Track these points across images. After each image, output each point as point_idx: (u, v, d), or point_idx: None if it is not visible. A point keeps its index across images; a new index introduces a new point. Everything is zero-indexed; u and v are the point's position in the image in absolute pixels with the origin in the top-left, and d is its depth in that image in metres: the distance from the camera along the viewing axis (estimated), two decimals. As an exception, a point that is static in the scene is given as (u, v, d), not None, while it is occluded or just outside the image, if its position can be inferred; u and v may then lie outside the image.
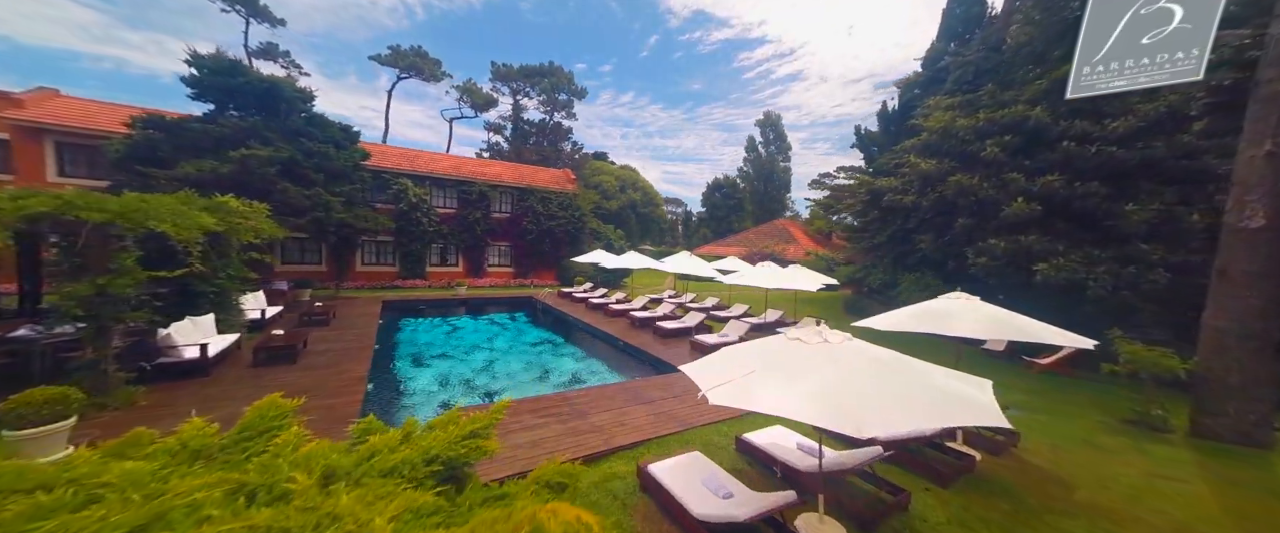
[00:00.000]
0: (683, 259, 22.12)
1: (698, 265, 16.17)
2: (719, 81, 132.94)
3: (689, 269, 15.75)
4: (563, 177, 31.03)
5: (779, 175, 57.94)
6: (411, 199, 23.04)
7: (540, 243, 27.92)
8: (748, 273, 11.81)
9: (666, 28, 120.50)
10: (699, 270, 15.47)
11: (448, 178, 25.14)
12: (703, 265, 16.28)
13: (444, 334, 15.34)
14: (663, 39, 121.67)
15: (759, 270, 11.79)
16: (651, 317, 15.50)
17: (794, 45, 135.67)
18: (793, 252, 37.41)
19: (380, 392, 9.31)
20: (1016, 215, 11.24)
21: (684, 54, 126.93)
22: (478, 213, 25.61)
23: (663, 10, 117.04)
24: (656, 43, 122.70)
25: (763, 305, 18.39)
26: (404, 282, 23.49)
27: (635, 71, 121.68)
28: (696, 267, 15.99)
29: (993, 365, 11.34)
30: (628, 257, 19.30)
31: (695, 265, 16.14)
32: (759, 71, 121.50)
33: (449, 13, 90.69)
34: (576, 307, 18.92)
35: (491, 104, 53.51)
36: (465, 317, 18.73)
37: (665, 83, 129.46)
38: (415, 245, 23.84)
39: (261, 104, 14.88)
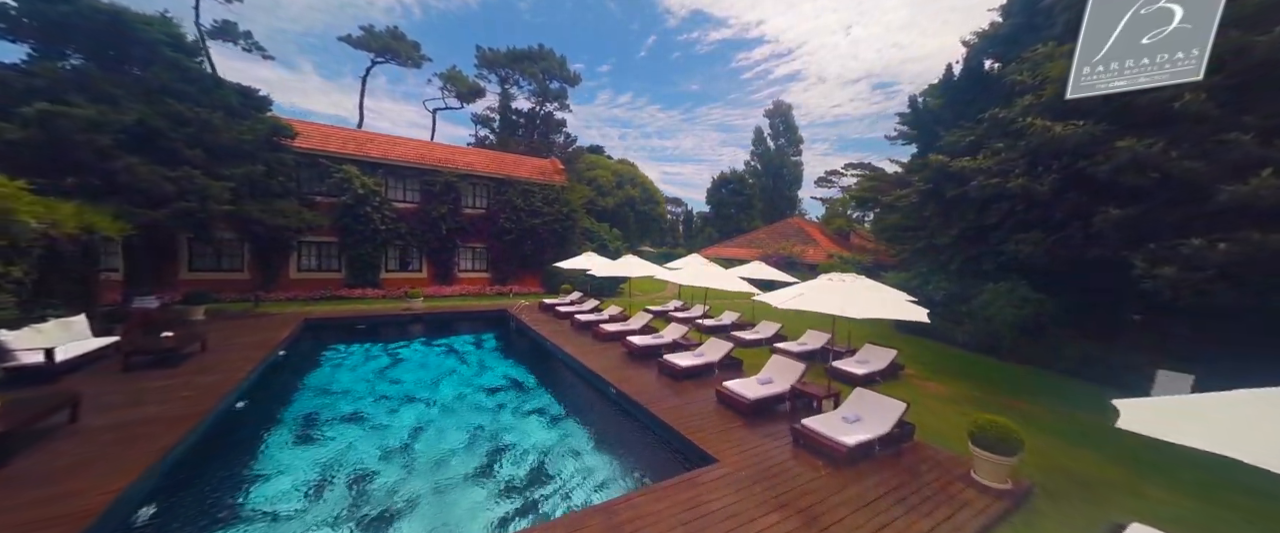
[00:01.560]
0: (694, 263, 17.78)
1: (717, 275, 11.61)
2: (717, 82, 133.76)
3: (705, 279, 11.23)
4: (549, 167, 26.68)
5: (790, 170, 53.57)
6: (358, 190, 18.62)
7: (521, 244, 23.53)
8: (815, 292, 7.35)
9: (664, 28, 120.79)
10: (722, 283, 10.92)
11: (408, 165, 20.72)
12: (724, 275, 11.74)
13: (376, 373, 10.97)
14: (661, 39, 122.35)
15: (827, 287, 7.46)
16: (656, 344, 11.15)
17: (792, 45, 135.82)
18: (812, 253, 33.14)
19: (167, 525, 4.94)
20: (1253, 197, 6.92)
21: (682, 54, 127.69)
22: (444, 207, 21.20)
23: (661, 10, 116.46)
24: (654, 43, 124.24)
25: (798, 327, 14.00)
26: (351, 291, 19.09)
27: (633, 72, 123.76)
28: (715, 277, 11.43)
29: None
30: (624, 261, 14.92)
31: (713, 275, 11.56)
32: (757, 72, 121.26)
33: (447, 12, 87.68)
34: (558, 327, 14.55)
35: (478, 94, 49.05)
36: (418, 341, 14.36)
37: (663, 83, 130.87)
38: (365, 247, 19.43)
39: (101, 45, 10.46)
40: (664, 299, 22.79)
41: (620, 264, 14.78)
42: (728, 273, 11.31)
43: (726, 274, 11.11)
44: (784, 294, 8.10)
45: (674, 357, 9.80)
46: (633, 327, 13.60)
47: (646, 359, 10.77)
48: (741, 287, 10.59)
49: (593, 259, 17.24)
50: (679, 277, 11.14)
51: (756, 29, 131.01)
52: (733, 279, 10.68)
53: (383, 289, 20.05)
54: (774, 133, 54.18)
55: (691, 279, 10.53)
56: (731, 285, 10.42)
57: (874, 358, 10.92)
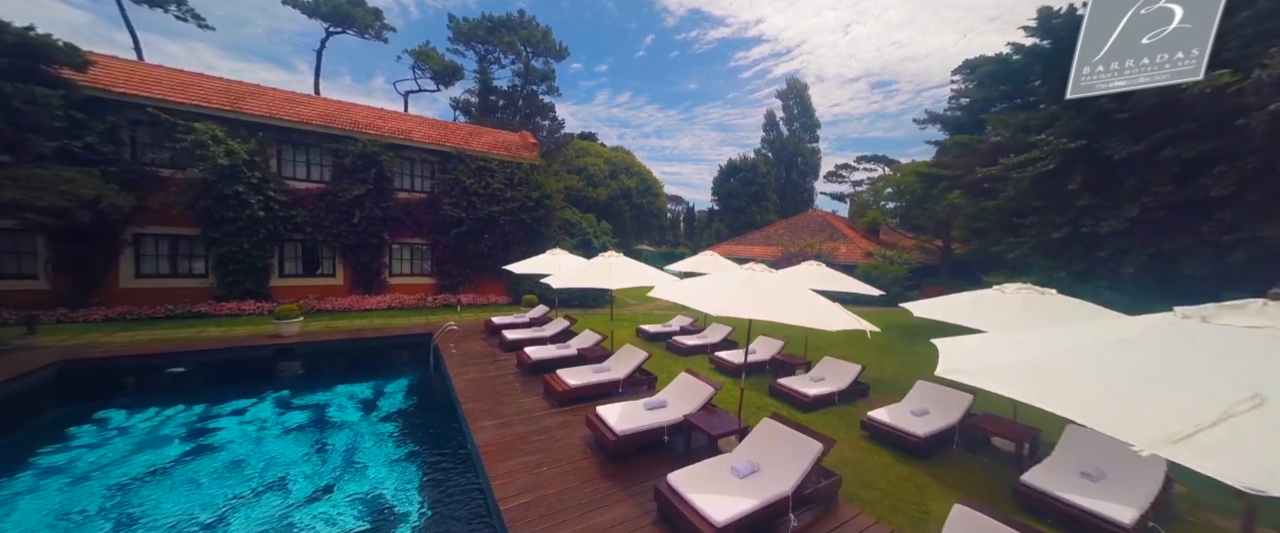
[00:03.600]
0: (707, 265, 12.05)
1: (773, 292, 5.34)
2: (716, 81, 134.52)
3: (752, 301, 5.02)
4: (516, 141, 20.88)
5: (806, 158, 47.60)
6: (220, 160, 12.82)
7: (475, 239, 17.74)
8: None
9: (662, 27, 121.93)
10: (795, 310, 4.73)
11: (309, 129, 14.93)
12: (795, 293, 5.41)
13: (122, 487, 5.37)
14: (659, 38, 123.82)
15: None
16: (653, 426, 5.44)
17: (791, 44, 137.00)
18: (845, 251, 27.34)
19: None
20: None
21: (680, 53, 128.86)
22: (359, 188, 15.40)
23: (659, 9, 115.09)
24: (653, 42, 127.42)
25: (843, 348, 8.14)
26: (221, 306, 13.33)
27: (632, 71, 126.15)
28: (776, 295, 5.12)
29: None
30: (601, 263, 8.94)
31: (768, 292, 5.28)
32: (756, 71, 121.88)
33: (444, 12, 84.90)
34: (497, 369, 8.77)
35: (455, 75, 43.31)
36: (270, 398, 8.71)
37: (662, 83, 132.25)
38: (239, 243, 13.63)
39: None
40: (666, 312, 17.00)
41: (595, 266, 8.91)
42: (799, 287, 5.42)
43: (798, 290, 5.24)
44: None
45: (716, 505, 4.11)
46: (612, 374, 7.79)
47: (641, 453, 5.12)
48: (841, 321, 4.78)
49: (558, 260, 11.45)
50: (697, 296, 5.17)
51: (755, 28, 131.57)
52: (823, 310, 4.81)
53: (274, 302, 14.29)
54: (788, 116, 48.21)
55: (725, 305, 4.65)
56: (819, 317, 4.57)
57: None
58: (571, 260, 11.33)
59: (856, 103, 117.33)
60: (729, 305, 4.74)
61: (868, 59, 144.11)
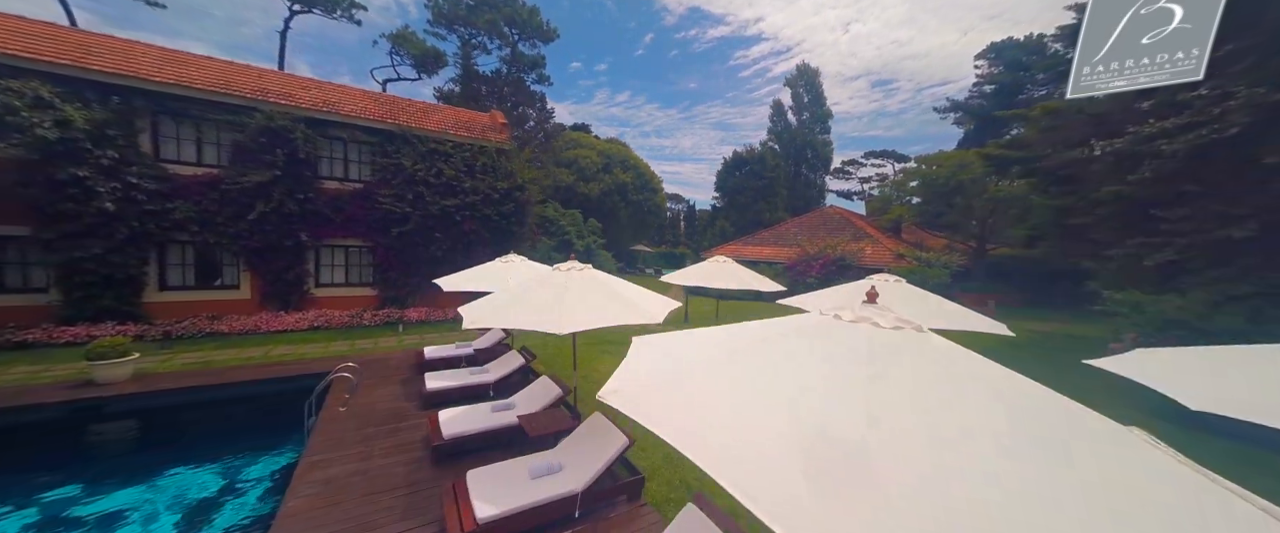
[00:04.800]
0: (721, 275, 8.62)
1: None
2: (715, 80, 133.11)
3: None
4: (484, 121, 17.32)
5: (817, 151, 43.93)
6: (40, 131, 9.26)
7: (425, 240, 14.20)
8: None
9: (662, 26, 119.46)
10: None
11: (195, 96, 11.39)
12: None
13: None
14: (658, 37, 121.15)
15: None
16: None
17: (790, 42, 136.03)
18: (872, 253, 23.80)
19: None
20: None
21: (680, 52, 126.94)
22: (263, 173, 11.83)
23: (658, 7, 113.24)
24: (652, 41, 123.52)
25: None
26: (66, 330, 9.82)
27: (631, 71, 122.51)
28: None
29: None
30: (559, 282, 5.40)
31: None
32: (756, 70, 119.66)
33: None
34: (386, 461, 5.17)
35: (437, 61, 39.77)
36: (33, 503, 5.16)
37: (661, 82, 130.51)
38: (89, 246, 10.08)
39: None
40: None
41: (545, 288, 5.36)
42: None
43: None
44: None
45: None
46: (570, 484, 4.24)
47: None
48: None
49: (508, 271, 7.92)
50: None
51: (754, 26, 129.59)
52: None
53: (151, 324, 10.77)
54: (797, 105, 44.51)
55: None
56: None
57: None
58: (526, 272, 7.80)
59: (857, 101, 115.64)
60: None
61: (868, 57, 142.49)
